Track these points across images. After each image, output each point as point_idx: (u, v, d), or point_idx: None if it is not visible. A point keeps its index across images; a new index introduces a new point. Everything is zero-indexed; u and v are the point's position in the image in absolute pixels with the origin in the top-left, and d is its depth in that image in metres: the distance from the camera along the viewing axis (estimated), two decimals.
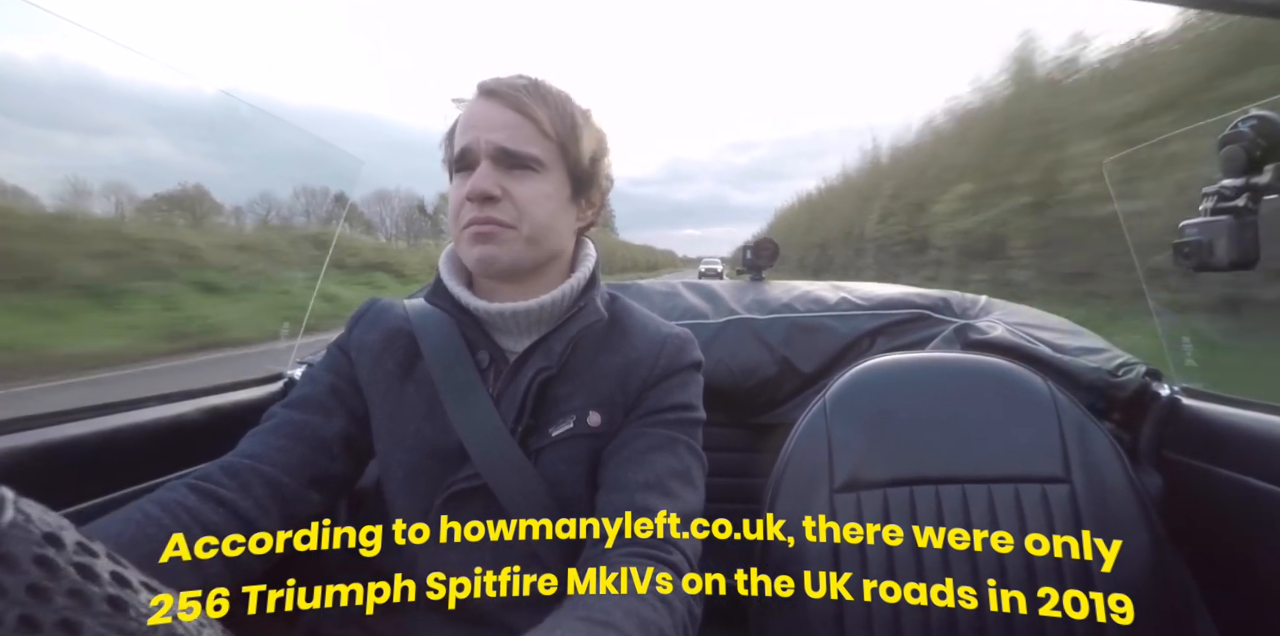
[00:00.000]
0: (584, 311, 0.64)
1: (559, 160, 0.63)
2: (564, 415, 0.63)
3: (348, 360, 0.68)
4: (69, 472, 0.63)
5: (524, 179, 0.61)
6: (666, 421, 0.64)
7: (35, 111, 3.55)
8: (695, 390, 0.68)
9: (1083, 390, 0.87)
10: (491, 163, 0.60)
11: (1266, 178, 0.62)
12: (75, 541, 0.20)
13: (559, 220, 0.64)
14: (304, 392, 0.66)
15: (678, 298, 1.14)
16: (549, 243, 0.64)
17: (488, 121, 0.61)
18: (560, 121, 0.62)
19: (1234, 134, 0.63)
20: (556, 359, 0.63)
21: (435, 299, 0.66)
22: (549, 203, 0.62)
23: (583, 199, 0.67)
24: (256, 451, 0.60)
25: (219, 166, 7.78)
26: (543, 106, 0.61)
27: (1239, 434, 0.75)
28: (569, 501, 0.61)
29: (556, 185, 0.63)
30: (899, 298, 1.10)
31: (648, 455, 0.61)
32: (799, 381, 1.03)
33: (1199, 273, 0.66)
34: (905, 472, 0.77)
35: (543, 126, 0.61)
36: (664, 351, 0.66)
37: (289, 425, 0.63)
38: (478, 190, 0.59)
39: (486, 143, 0.60)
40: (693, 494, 0.61)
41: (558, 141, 0.62)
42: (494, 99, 0.61)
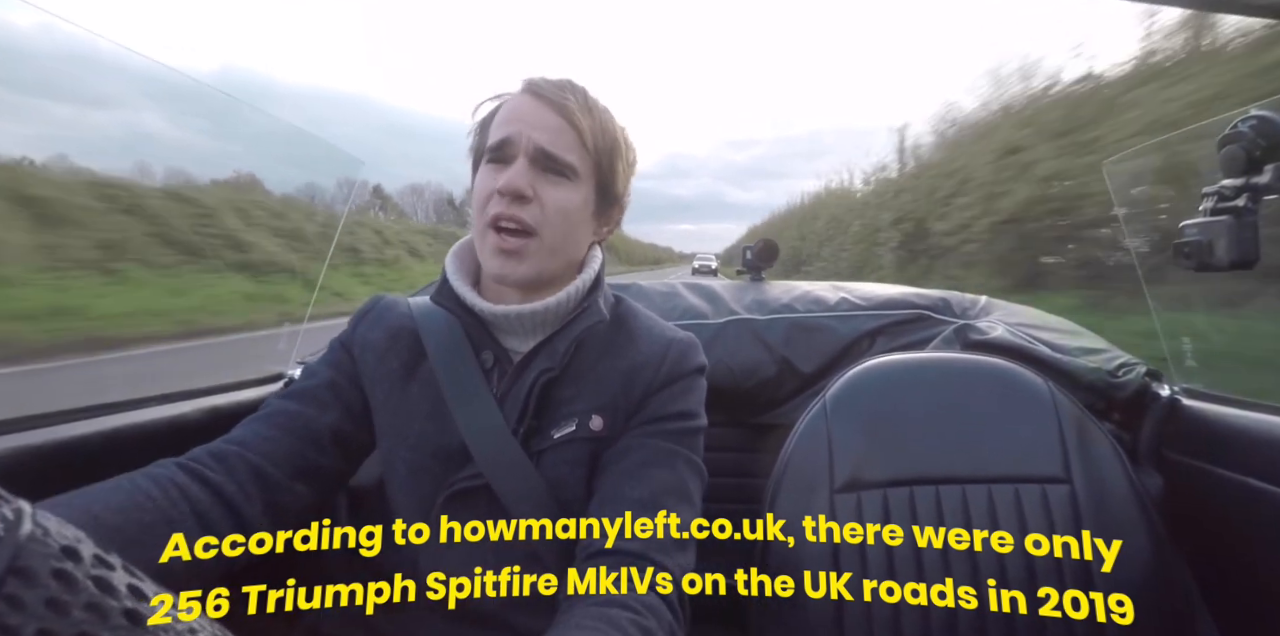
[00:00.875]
0: (587, 312, 0.64)
1: (592, 174, 0.63)
2: (567, 418, 0.63)
3: (349, 357, 0.68)
4: (69, 472, 0.63)
5: (557, 185, 0.61)
6: (667, 432, 0.64)
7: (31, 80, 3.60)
8: (698, 396, 0.68)
9: (1083, 390, 0.87)
10: (529, 161, 0.60)
11: (1266, 178, 0.62)
12: (92, 554, 0.21)
13: (580, 232, 0.65)
14: (301, 385, 0.66)
15: (678, 298, 1.14)
16: (567, 253, 0.64)
17: (533, 119, 0.61)
18: (601, 136, 0.63)
19: (1234, 134, 0.63)
20: (559, 359, 0.63)
21: (441, 298, 0.66)
22: (575, 213, 0.63)
23: (604, 215, 0.68)
24: (245, 439, 0.60)
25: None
26: (588, 117, 0.62)
27: (1239, 434, 0.75)
28: (570, 502, 0.61)
29: (585, 197, 0.63)
30: (899, 298, 1.10)
31: (645, 469, 0.61)
32: (799, 382, 1.03)
33: (1199, 273, 0.66)
34: (905, 473, 0.77)
35: (585, 137, 0.61)
36: (669, 356, 0.67)
37: (281, 415, 0.63)
38: (512, 186, 0.59)
39: (529, 140, 0.60)
40: (688, 510, 0.61)
41: (594, 155, 0.63)
42: (542, 100, 0.61)
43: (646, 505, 0.58)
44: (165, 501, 0.51)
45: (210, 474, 0.56)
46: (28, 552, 0.19)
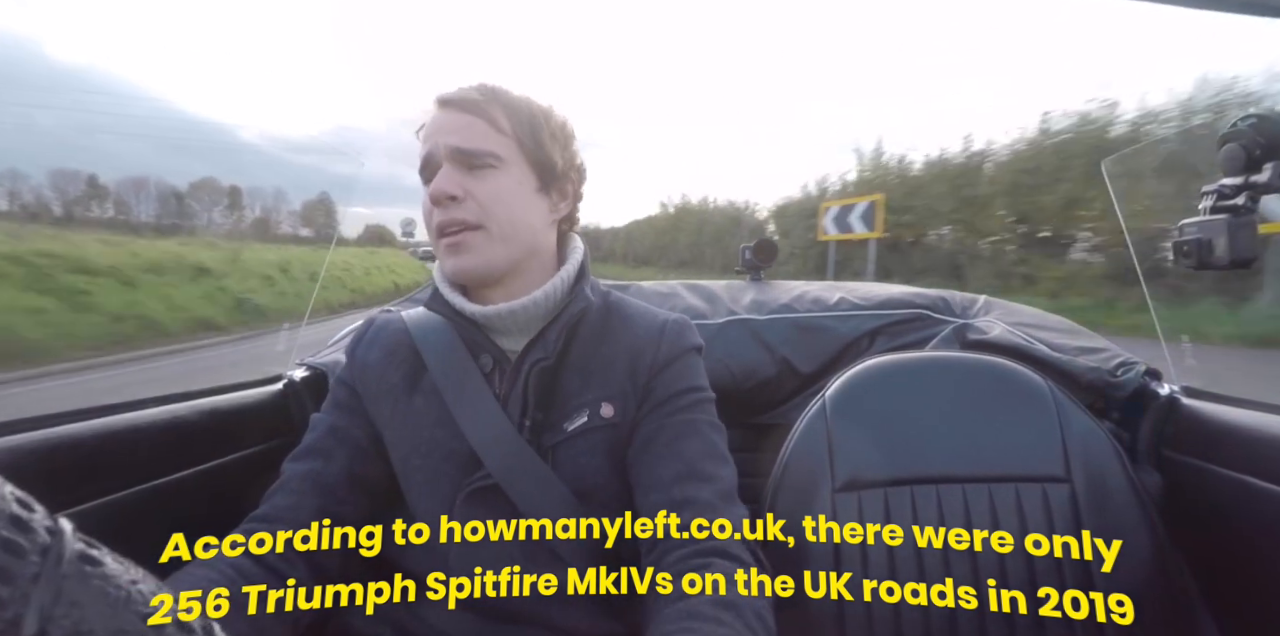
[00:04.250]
0: (574, 301, 0.65)
1: (519, 154, 0.63)
2: (578, 410, 0.63)
3: (350, 392, 0.69)
4: (69, 472, 0.63)
5: (485, 177, 0.61)
6: (681, 407, 0.65)
7: None
8: (700, 371, 0.69)
9: (1082, 390, 0.87)
10: (451, 164, 0.61)
11: (1265, 176, 0.62)
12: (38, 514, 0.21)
13: (529, 214, 0.64)
14: (306, 442, 0.67)
15: (677, 298, 1.15)
16: (521, 238, 0.64)
17: (442, 127, 0.62)
18: (515, 116, 0.63)
19: (1233, 132, 0.63)
20: (551, 348, 0.63)
21: (434, 305, 0.66)
22: (514, 198, 0.63)
23: (553, 191, 0.67)
24: (270, 515, 0.61)
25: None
26: (495, 105, 0.62)
27: (1239, 433, 0.75)
28: (591, 493, 0.62)
29: (519, 179, 0.63)
30: (898, 297, 1.10)
31: (674, 445, 0.62)
32: (799, 381, 1.03)
33: (1198, 271, 0.66)
34: (905, 472, 0.77)
35: (498, 123, 0.62)
36: (665, 335, 0.67)
37: (295, 479, 0.63)
38: (439, 191, 0.60)
39: (444, 146, 0.61)
40: (726, 469, 0.62)
41: (515, 136, 0.63)
42: (448, 106, 0.63)
43: (687, 477, 0.60)
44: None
45: (253, 568, 0.55)
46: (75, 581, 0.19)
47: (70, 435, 0.64)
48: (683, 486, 0.59)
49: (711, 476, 0.60)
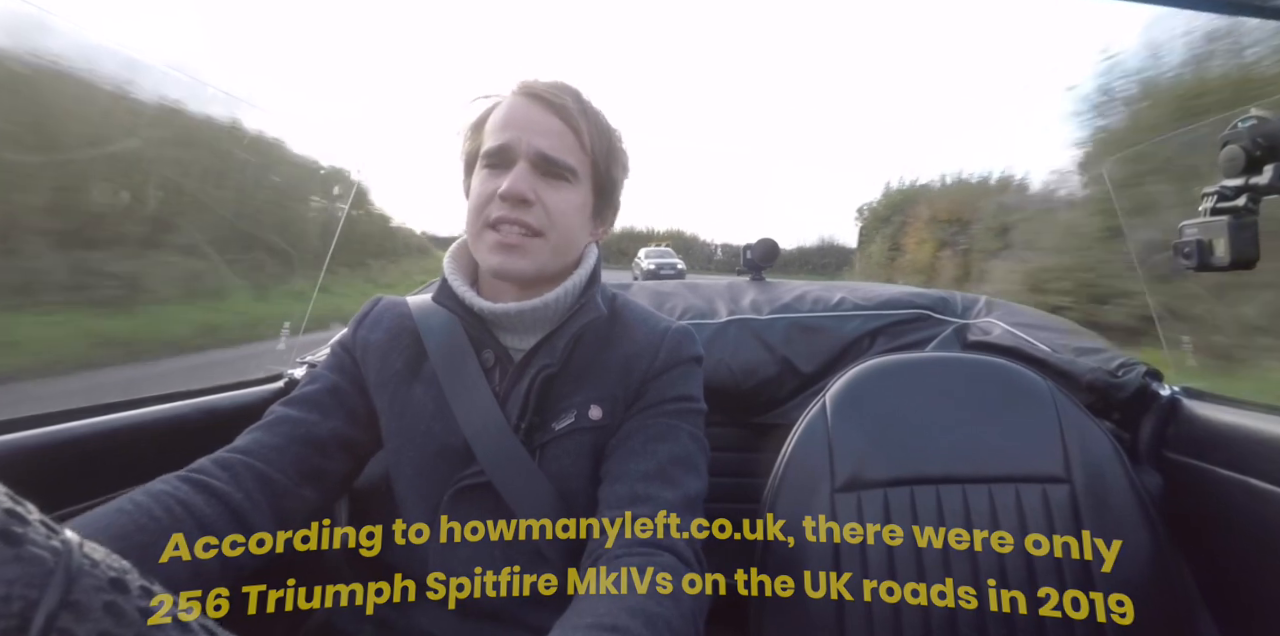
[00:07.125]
0: (585, 308, 0.65)
1: (590, 175, 0.64)
2: (566, 410, 0.63)
3: (351, 359, 0.68)
4: (69, 472, 0.63)
5: (558, 187, 0.62)
6: (667, 411, 0.64)
7: None
8: (696, 383, 0.68)
9: (1083, 390, 0.87)
10: (529, 166, 0.60)
11: (1266, 177, 0.62)
12: (139, 585, 0.21)
13: (581, 233, 0.66)
14: (304, 391, 0.66)
15: (677, 298, 1.15)
16: (570, 253, 0.65)
17: (532, 124, 0.61)
18: (598, 137, 0.63)
19: (1233, 134, 0.63)
20: (559, 356, 0.63)
21: (441, 298, 0.66)
22: (576, 214, 0.64)
23: (600, 216, 0.68)
24: (250, 447, 0.60)
25: None
26: (584, 119, 0.62)
27: (1239, 434, 0.75)
28: (573, 495, 0.62)
29: (584, 199, 0.64)
30: (899, 297, 1.10)
31: (649, 445, 0.62)
32: (799, 381, 1.03)
33: (1199, 272, 0.66)
34: (905, 472, 0.77)
35: (583, 139, 0.62)
36: (664, 345, 0.67)
37: (285, 423, 0.63)
38: (514, 192, 0.59)
39: (528, 145, 0.60)
40: (694, 479, 0.62)
41: (592, 157, 0.63)
42: (539, 103, 0.61)
43: (653, 477, 0.59)
44: (169, 519, 0.51)
45: (215, 483, 0.55)
46: (80, 587, 0.19)
47: (70, 433, 0.64)
48: (647, 484, 0.58)
49: (677, 482, 0.60)
